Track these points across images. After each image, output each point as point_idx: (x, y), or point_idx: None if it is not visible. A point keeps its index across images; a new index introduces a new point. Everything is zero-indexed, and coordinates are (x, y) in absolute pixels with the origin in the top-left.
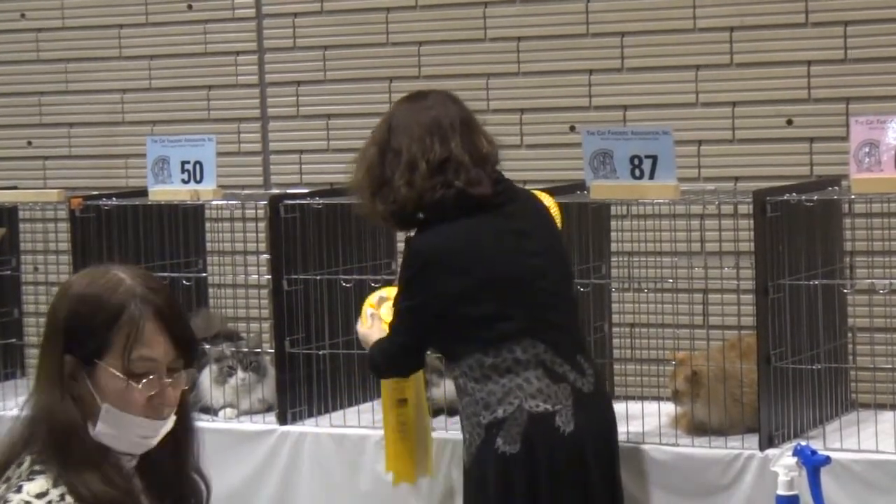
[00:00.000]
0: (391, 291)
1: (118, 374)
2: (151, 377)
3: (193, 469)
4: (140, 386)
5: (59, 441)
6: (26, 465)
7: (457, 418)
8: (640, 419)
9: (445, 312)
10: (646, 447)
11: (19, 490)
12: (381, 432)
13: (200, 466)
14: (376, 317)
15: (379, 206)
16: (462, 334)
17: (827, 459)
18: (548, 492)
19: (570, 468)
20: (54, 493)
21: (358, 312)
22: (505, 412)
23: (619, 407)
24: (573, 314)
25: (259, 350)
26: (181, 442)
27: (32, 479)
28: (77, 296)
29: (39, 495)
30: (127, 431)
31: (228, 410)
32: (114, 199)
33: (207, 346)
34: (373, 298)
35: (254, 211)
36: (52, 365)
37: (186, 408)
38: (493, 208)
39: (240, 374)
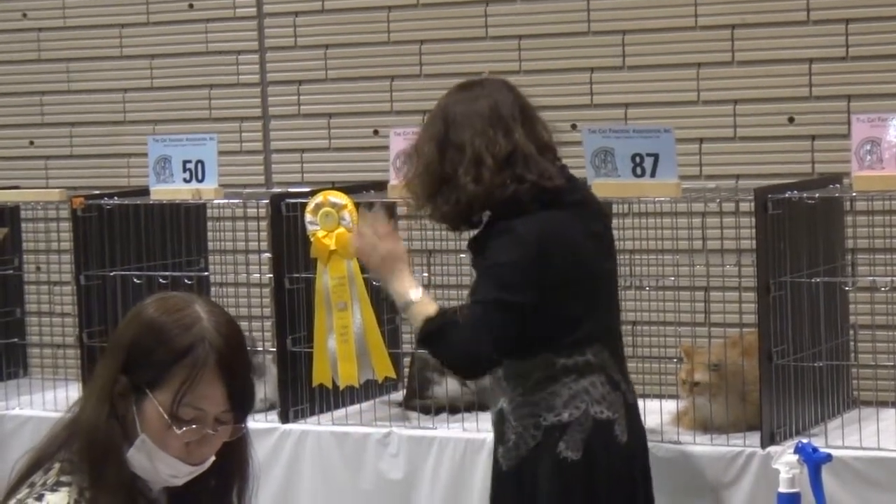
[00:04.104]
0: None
1: (164, 413)
2: (195, 426)
3: None
4: (180, 432)
5: (95, 458)
6: (54, 471)
7: (459, 417)
8: (643, 416)
9: (540, 305)
10: (647, 444)
11: (40, 498)
12: (382, 430)
13: None
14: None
15: (442, 206)
16: (541, 332)
17: (828, 457)
18: (605, 502)
19: (624, 480)
20: None
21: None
22: (570, 416)
23: None
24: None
25: (258, 349)
26: (225, 483)
27: (56, 491)
28: (149, 321)
29: None
30: (157, 466)
31: None
32: (115, 198)
33: None
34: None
35: (255, 210)
36: (106, 380)
37: (243, 451)
38: (568, 205)
39: None
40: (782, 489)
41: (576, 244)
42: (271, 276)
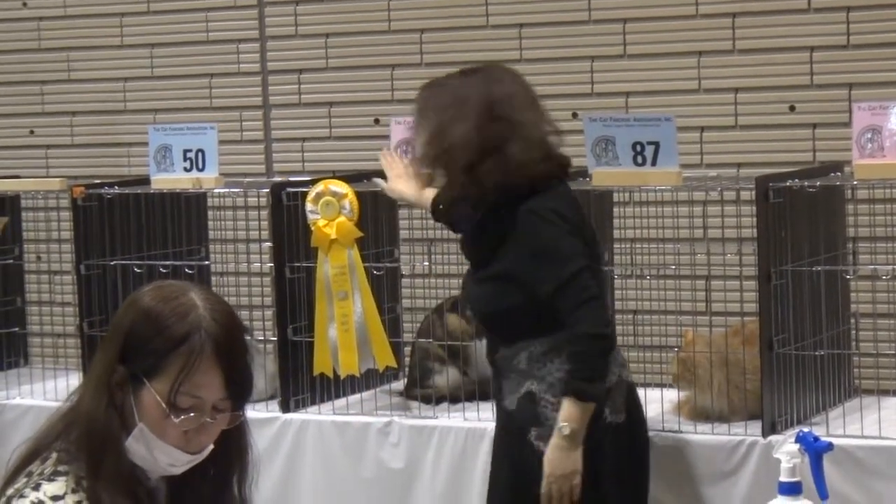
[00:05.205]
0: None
1: (161, 402)
2: (193, 414)
3: (236, 500)
4: (178, 421)
5: (93, 448)
6: (51, 461)
7: (460, 406)
8: (644, 406)
9: None
10: (649, 434)
11: (37, 488)
12: (383, 419)
13: (248, 499)
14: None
15: (485, 176)
16: None
17: (830, 446)
18: (645, 462)
19: (647, 441)
20: (70, 500)
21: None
22: (609, 381)
23: None
24: None
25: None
26: (225, 471)
27: (53, 480)
28: (145, 310)
29: (55, 498)
30: (155, 455)
31: None
32: (116, 187)
33: None
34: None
35: (256, 199)
36: (104, 369)
37: (242, 439)
38: (568, 180)
39: None
40: (783, 478)
41: (584, 214)
42: (272, 265)
